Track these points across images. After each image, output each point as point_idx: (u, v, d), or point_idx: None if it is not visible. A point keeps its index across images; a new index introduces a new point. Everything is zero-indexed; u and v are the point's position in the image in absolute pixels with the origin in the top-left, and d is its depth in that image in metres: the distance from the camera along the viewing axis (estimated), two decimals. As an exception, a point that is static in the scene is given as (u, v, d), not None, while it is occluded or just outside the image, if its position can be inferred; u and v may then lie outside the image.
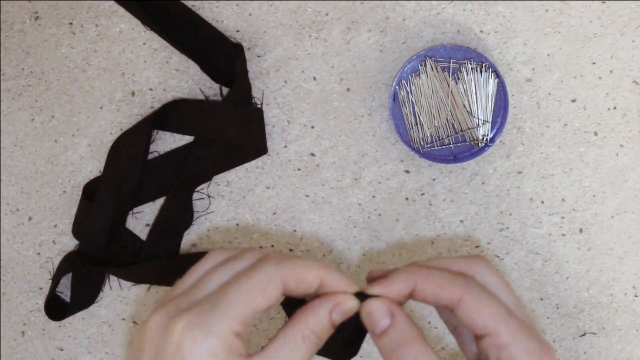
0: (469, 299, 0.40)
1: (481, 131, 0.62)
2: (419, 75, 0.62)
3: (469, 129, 0.62)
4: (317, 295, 0.41)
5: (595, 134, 0.64)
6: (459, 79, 0.62)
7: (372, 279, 0.43)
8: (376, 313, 0.42)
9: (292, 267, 0.39)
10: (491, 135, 0.62)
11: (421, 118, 0.62)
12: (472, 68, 0.62)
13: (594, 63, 0.64)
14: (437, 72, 0.62)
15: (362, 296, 0.41)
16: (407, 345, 0.41)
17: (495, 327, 0.40)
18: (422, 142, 0.63)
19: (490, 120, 0.62)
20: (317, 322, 0.40)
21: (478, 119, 0.62)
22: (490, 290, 0.42)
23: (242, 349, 0.38)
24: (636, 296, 0.64)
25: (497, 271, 0.44)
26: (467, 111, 0.62)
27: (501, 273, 0.43)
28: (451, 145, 0.62)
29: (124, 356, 0.66)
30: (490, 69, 0.61)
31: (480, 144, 0.62)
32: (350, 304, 0.41)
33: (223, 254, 0.42)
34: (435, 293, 0.41)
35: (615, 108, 0.63)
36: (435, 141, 0.62)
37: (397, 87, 0.62)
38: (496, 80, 0.62)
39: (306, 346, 0.39)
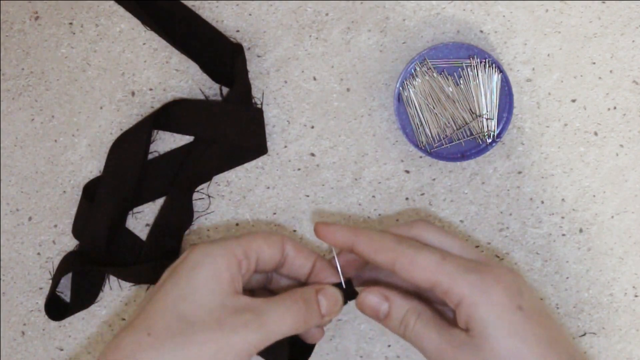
0: (402, 259, 0.42)
1: (488, 127, 0.62)
2: (422, 74, 0.62)
3: (476, 126, 0.62)
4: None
5: (595, 134, 0.64)
6: (461, 76, 0.62)
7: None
8: (372, 302, 0.43)
9: (293, 240, 0.46)
10: (498, 131, 0.62)
11: (427, 117, 0.62)
12: (475, 65, 0.62)
13: (594, 63, 0.64)
14: (442, 71, 0.62)
15: (346, 287, 0.46)
16: (410, 321, 0.42)
17: (433, 277, 0.40)
18: (430, 142, 0.63)
19: (496, 116, 0.62)
20: (305, 292, 0.44)
21: (484, 115, 0.62)
22: (426, 243, 0.44)
23: (239, 280, 0.42)
24: (636, 296, 0.64)
25: (436, 225, 0.46)
26: (473, 108, 0.62)
27: (442, 227, 0.45)
28: (461, 141, 0.62)
29: None
30: (494, 65, 0.61)
31: (488, 139, 0.62)
32: (333, 289, 0.45)
33: None
34: (371, 257, 0.43)
35: (615, 108, 0.63)
36: (444, 138, 0.62)
37: (400, 87, 0.62)
38: (500, 76, 0.62)
39: (297, 305, 0.42)
